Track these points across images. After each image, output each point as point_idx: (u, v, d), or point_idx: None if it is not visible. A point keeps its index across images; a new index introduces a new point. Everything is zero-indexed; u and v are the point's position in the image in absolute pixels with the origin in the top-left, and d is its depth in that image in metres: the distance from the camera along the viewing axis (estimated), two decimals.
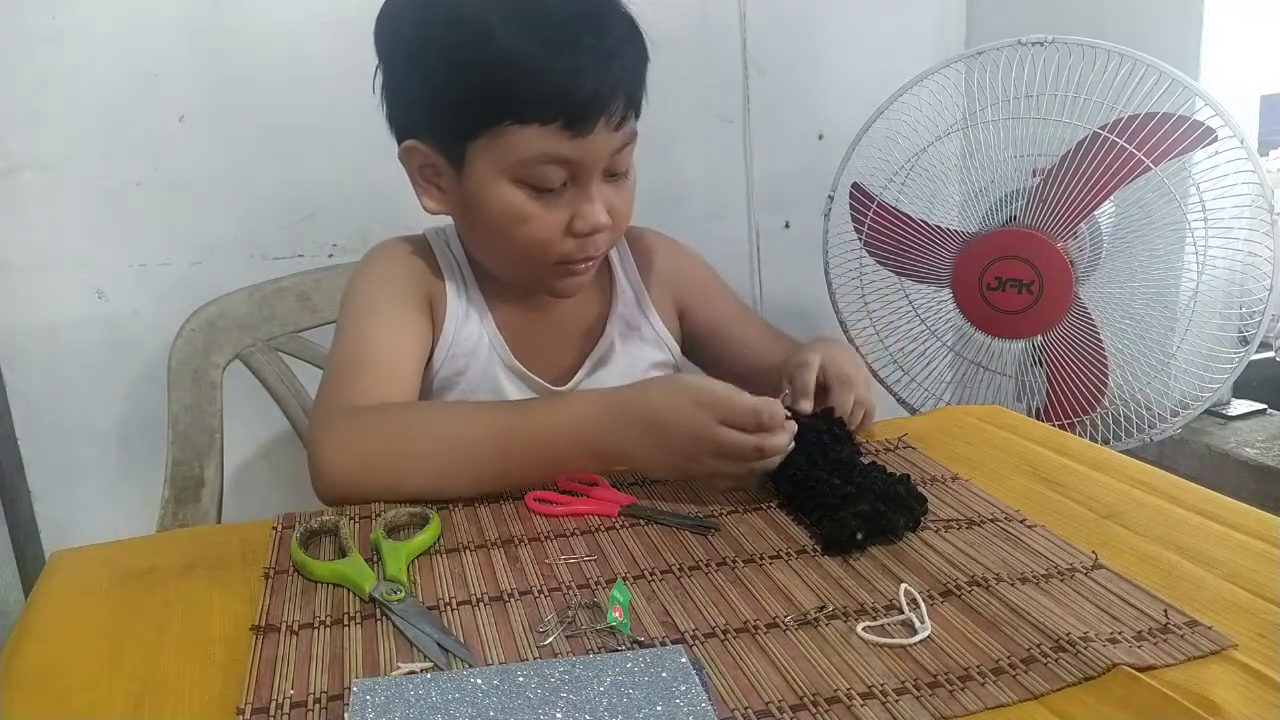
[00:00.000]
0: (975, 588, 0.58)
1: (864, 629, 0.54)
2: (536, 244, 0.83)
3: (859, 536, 0.64)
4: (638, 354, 0.98)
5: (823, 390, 0.83)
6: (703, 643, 0.54)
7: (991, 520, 0.68)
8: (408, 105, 0.84)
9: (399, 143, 0.86)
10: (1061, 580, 0.59)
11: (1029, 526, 0.67)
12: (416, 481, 0.74)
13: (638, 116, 0.84)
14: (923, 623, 0.55)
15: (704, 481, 0.75)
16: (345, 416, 0.78)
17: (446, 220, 0.91)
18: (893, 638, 0.54)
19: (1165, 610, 0.55)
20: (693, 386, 0.73)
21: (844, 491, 0.67)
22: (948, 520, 0.68)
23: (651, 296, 0.99)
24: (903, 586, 0.58)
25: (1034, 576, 0.60)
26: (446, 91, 0.80)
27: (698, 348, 1.04)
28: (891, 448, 0.83)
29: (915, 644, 0.53)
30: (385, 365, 0.83)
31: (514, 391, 0.92)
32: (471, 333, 0.91)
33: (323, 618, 0.58)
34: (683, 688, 0.49)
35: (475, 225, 0.87)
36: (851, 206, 1.41)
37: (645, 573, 0.62)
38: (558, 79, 0.76)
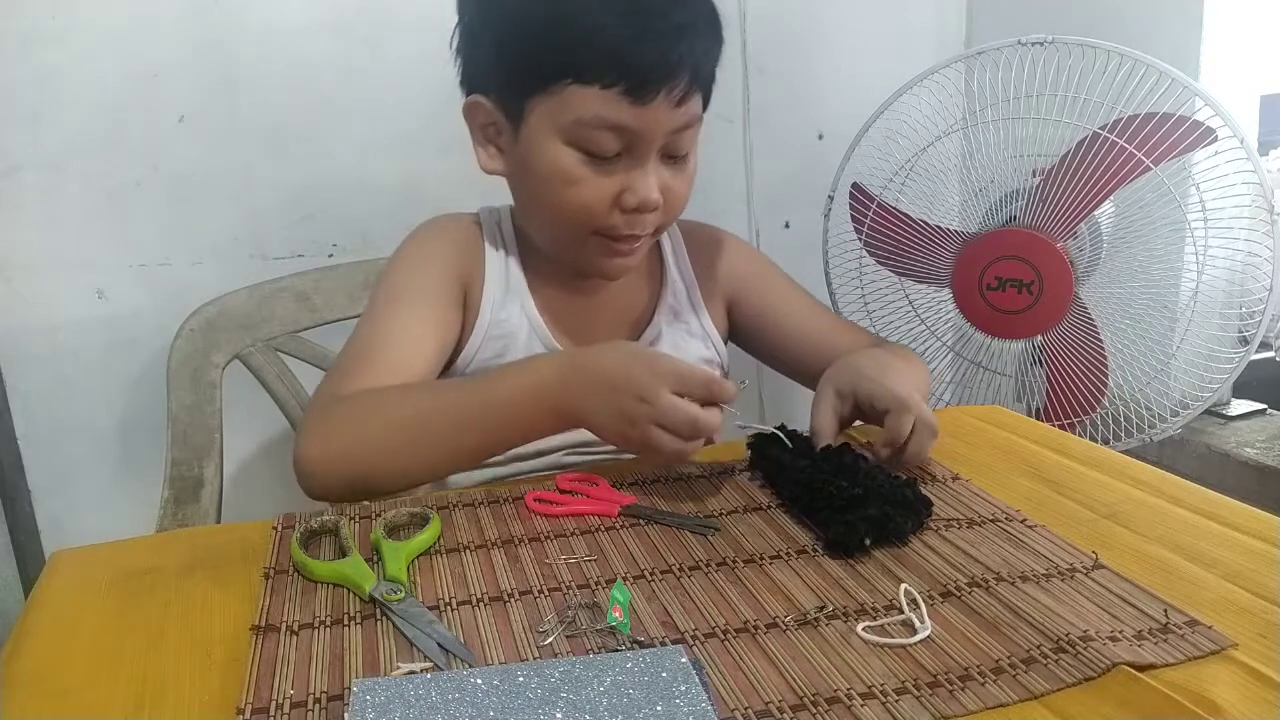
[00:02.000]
0: (975, 588, 0.58)
1: (864, 629, 0.54)
2: (581, 209, 0.82)
3: (866, 542, 0.63)
4: (684, 348, 0.97)
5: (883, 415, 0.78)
6: (703, 643, 0.54)
7: (992, 520, 0.68)
8: (476, 59, 0.85)
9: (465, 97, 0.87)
10: (1062, 580, 0.59)
11: (1029, 526, 0.67)
12: (391, 463, 0.73)
13: (706, 104, 0.84)
14: (923, 623, 0.55)
15: (641, 455, 0.75)
16: (328, 407, 0.78)
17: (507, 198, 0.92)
18: (893, 638, 0.54)
19: (1165, 610, 0.55)
20: (650, 353, 0.74)
21: (850, 494, 0.66)
22: (948, 520, 0.68)
23: (702, 291, 0.98)
24: (903, 586, 0.58)
25: (1034, 576, 0.60)
26: (513, 45, 0.80)
27: (750, 339, 1.02)
28: None
29: (915, 644, 0.53)
30: (394, 362, 0.83)
31: None
32: (512, 314, 0.91)
33: (323, 618, 0.58)
34: (683, 688, 0.49)
35: (525, 187, 0.87)
36: (851, 206, 1.41)
37: (645, 573, 0.62)
38: (623, 42, 0.76)
